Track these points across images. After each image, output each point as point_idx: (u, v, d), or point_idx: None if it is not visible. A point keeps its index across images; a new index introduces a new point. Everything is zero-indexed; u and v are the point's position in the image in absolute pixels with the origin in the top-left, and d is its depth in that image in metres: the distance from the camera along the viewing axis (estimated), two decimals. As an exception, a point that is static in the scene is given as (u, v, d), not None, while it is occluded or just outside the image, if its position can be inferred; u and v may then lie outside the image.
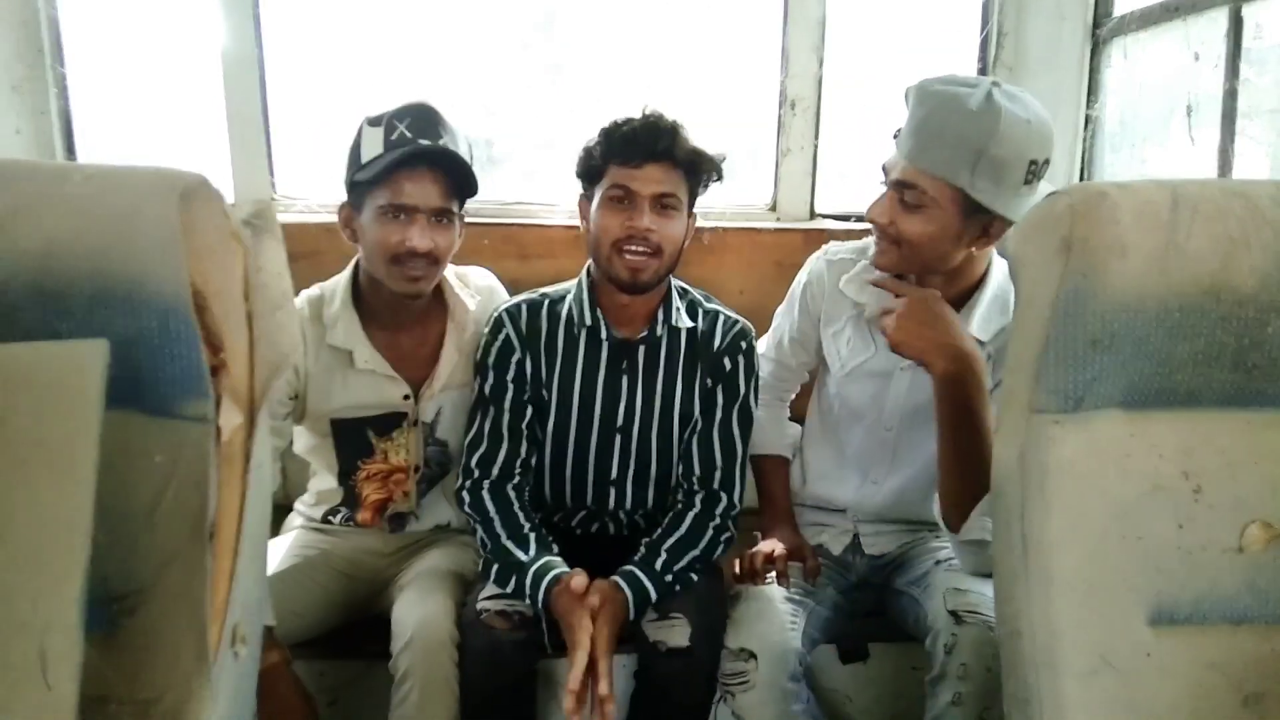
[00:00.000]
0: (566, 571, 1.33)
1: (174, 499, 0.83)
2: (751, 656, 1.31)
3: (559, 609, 1.30)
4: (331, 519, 1.56)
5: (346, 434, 1.51)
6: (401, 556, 1.56)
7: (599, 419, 1.47)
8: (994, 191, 1.25)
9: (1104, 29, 1.89)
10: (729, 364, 1.47)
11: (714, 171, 1.41)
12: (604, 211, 1.38)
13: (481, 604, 1.33)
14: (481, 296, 1.56)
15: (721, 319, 1.49)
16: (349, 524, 1.55)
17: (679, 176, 1.37)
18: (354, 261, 1.48)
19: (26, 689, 0.73)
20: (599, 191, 1.39)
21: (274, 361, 0.91)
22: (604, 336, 1.45)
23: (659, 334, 1.46)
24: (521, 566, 1.34)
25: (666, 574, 1.36)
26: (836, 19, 2.00)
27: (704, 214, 1.49)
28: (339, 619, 1.50)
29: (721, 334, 1.48)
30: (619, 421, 1.48)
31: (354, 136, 1.41)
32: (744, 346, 1.48)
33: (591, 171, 1.41)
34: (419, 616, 1.32)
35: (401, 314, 1.47)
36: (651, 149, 1.34)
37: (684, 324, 1.46)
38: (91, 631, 0.78)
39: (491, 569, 1.37)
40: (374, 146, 1.37)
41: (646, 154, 1.34)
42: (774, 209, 2.10)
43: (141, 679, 0.82)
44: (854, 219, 2.05)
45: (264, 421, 0.92)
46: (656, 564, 1.37)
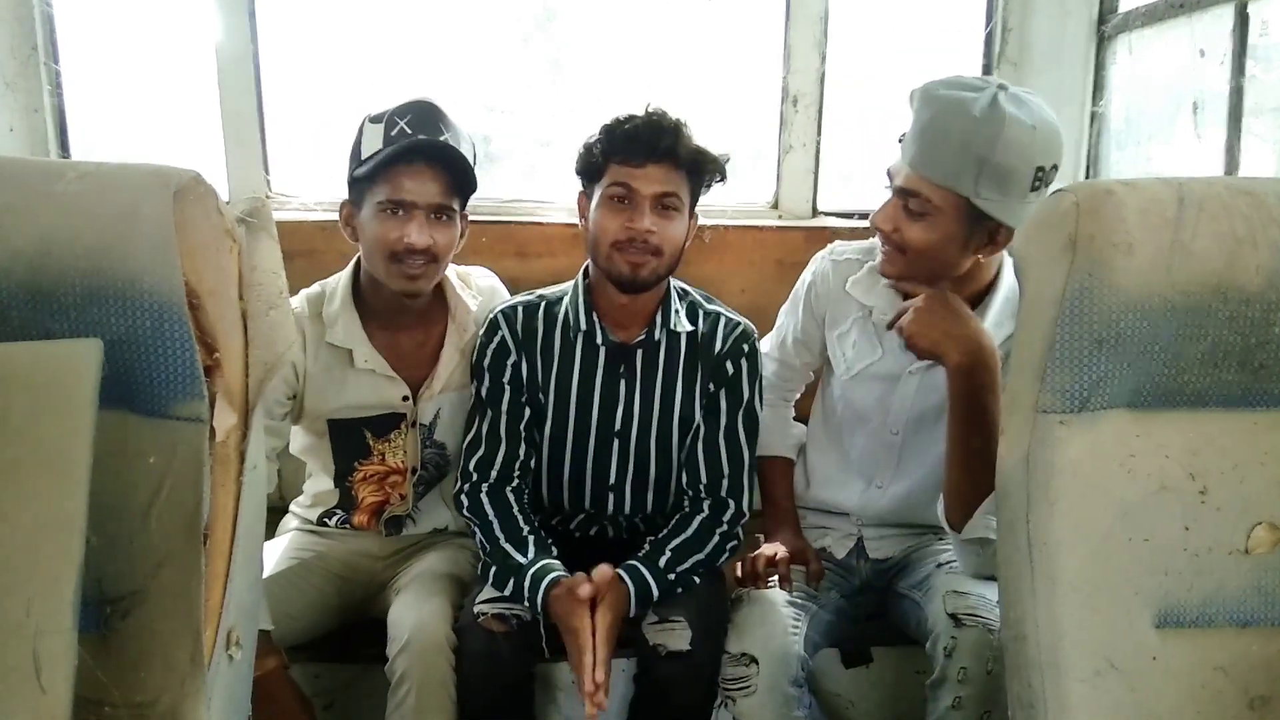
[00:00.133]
0: (565, 574, 1.32)
1: (168, 500, 0.82)
2: (753, 661, 1.30)
3: (559, 611, 1.28)
4: (327, 521, 1.55)
5: (343, 434, 1.50)
6: (398, 559, 1.55)
7: (596, 423, 1.45)
8: (1000, 200, 1.23)
9: (1109, 25, 1.88)
10: (731, 368, 1.45)
11: (717, 172, 1.38)
12: (604, 211, 1.36)
13: (479, 607, 1.32)
14: (483, 297, 1.55)
15: (722, 321, 1.46)
16: (345, 526, 1.54)
17: (681, 176, 1.35)
18: (355, 260, 1.47)
19: (20, 691, 0.72)
20: (599, 190, 1.37)
21: (269, 361, 0.90)
22: (600, 341, 1.43)
23: (657, 338, 1.44)
24: (520, 569, 1.33)
25: (669, 573, 1.35)
26: (839, 15, 1.99)
27: (705, 211, 1.48)
28: (335, 622, 1.49)
29: (723, 337, 1.45)
30: (617, 426, 1.46)
31: (355, 134, 1.40)
32: (746, 349, 1.45)
33: (592, 169, 1.38)
34: (416, 619, 1.31)
35: (402, 314, 1.46)
36: (654, 148, 1.31)
37: (683, 327, 1.44)
38: (85, 634, 0.77)
39: (490, 572, 1.36)
40: (374, 143, 1.36)
41: (648, 153, 1.32)
42: (776, 206, 2.09)
43: (136, 681, 0.81)
44: (856, 217, 2.03)
45: (259, 422, 0.92)
46: (660, 561, 1.36)
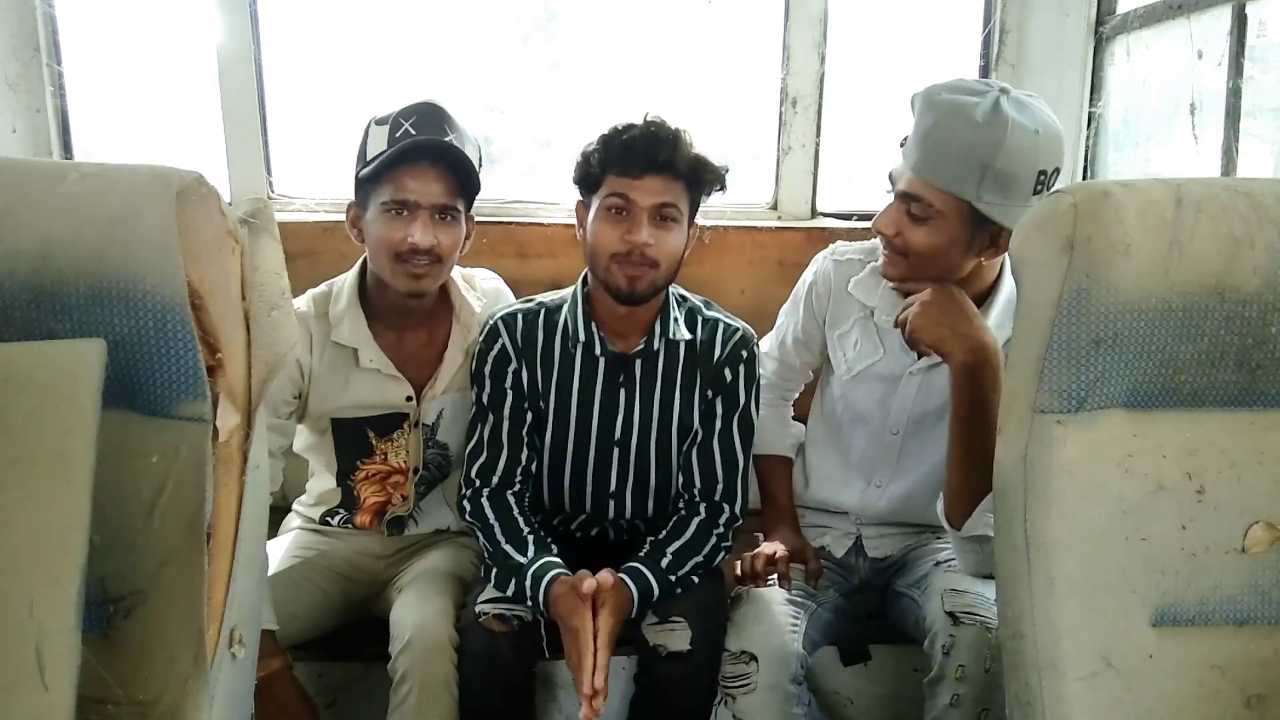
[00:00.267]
0: (566, 572, 1.32)
1: (171, 500, 0.83)
2: (752, 659, 1.30)
3: (560, 610, 1.28)
4: (330, 520, 1.55)
5: (346, 433, 1.50)
6: (400, 558, 1.55)
7: (596, 432, 1.45)
8: (1002, 204, 1.24)
9: (1107, 26, 1.89)
10: (729, 374, 1.44)
11: (717, 181, 1.37)
12: (601, 222, 1.35)
13: (480, 607, 1.33)
14: (487, 299, 1.55)
15: (721, 328, 1.45)
16: (347, 526, 1.54)
17: (680, 187, 1.33)
18: (361, 260, 1.48)
19: (24, 690, 0.73)
20: (596, 200, 1.36)
21: (271, 361, 0.91)
22: (599, 351, 1.43)
23: (656, 347, 1.43)
24: (520, 568, 1.33)
25: (671, 574, 1.36)
26: (838, 16, 1.99)
27: (705, 212, 1.47)
28: (337, 621, 1.49)
29: (722, 344, 1.44)
30: (617, 435, 1.46)
31: (361, 136, 1.40)
32: (745, 355, 1.44)
33: (589, 179, 1.37)
34: (418, 618, 1.31)
35: (407, 314, 1.46)
36: (652, 159, 1.30)
37: (682, 336, 1.43)
38: (88, 633, 0.78)
39: (492, 574, 1.36)
40: (379, 145, 1.36)
41: (646, 164, 1.30)
42: (775, 207, 2.09)
43: (139, 680, 0.82)
44: (855, 218, 2.04)
45: (261, 422, 0.92)
46: (662, 563, 1.36)
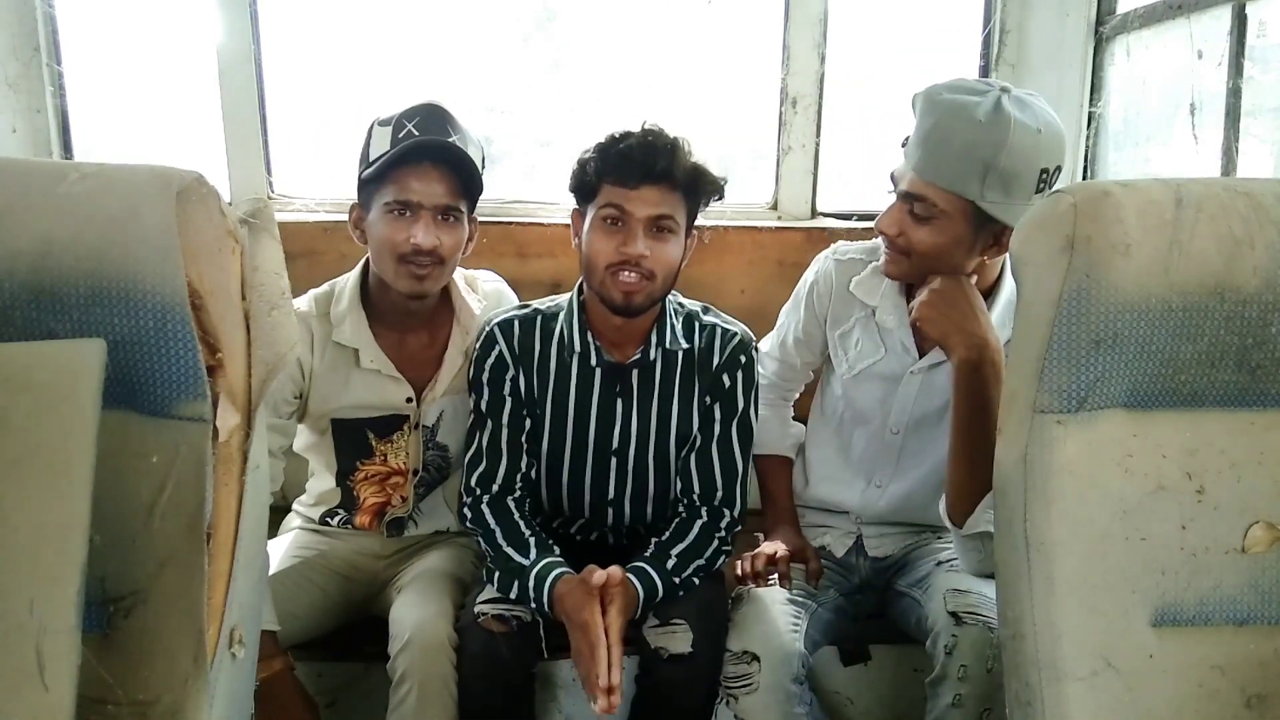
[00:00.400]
0: (569, 571, 1.32)
1: (171, 500, 0.83)
2: (754, 659, 1.30)
3: (568, 606, 1.28)
4: (329, 520, 1.55)
5: (346, 434, 1.50)
6: (400, 558, 1.55)
7: (594, 442, 1.44)
8: (1005, 203, 1.24)
9: (1107, 26, 1.89)
10: (728, 380, 1.43)
11: (715, 191, 1.35)
12: (597, 233, 1.32)
13: (479, 607, 1.33)
14: (489, 301, 1.55)
15: (720, 334, 1.44)
16: (347, 526, 1.54)
17: (677, 198, 1.31)
18: (364, 260, 1.48)
19: (24, 691, 0.73)
20: (592, 209, 1.34)
21: (271, 361, 0.91)
22: (595, 362, 1.41)
23: (653, 357, 1.42)
24: (523, 570, 1.33)
25: (674, 576, 1.36)
26: (838, 16, 1.99)
27: (704, 212, 1.47)
28: (336, 620, 1.49)
29: (720, 350, 1.43)
30: (614, 445, 1.45)
31: (364, 137, 1.40)
32: (743, 360, 1.43)
33: (585, 188, 1.34)
34: (417, 618, 1.31)
35: (408, 316, 1.46)
36: (649, 169, 1.28)
37: (680, 346, 1.42)
38: (89, 633, 0.78)
39: (494, 577, 1.35)
40: (382, 145, 1.36)
41: (643, 174, 1.28)
42: (775, 207, 2.09)
43: (138, 680, 0.82)
44: (855, 218, 2.04)
45: (261, 422, 0.92)
46: (666, 564, 1.36)
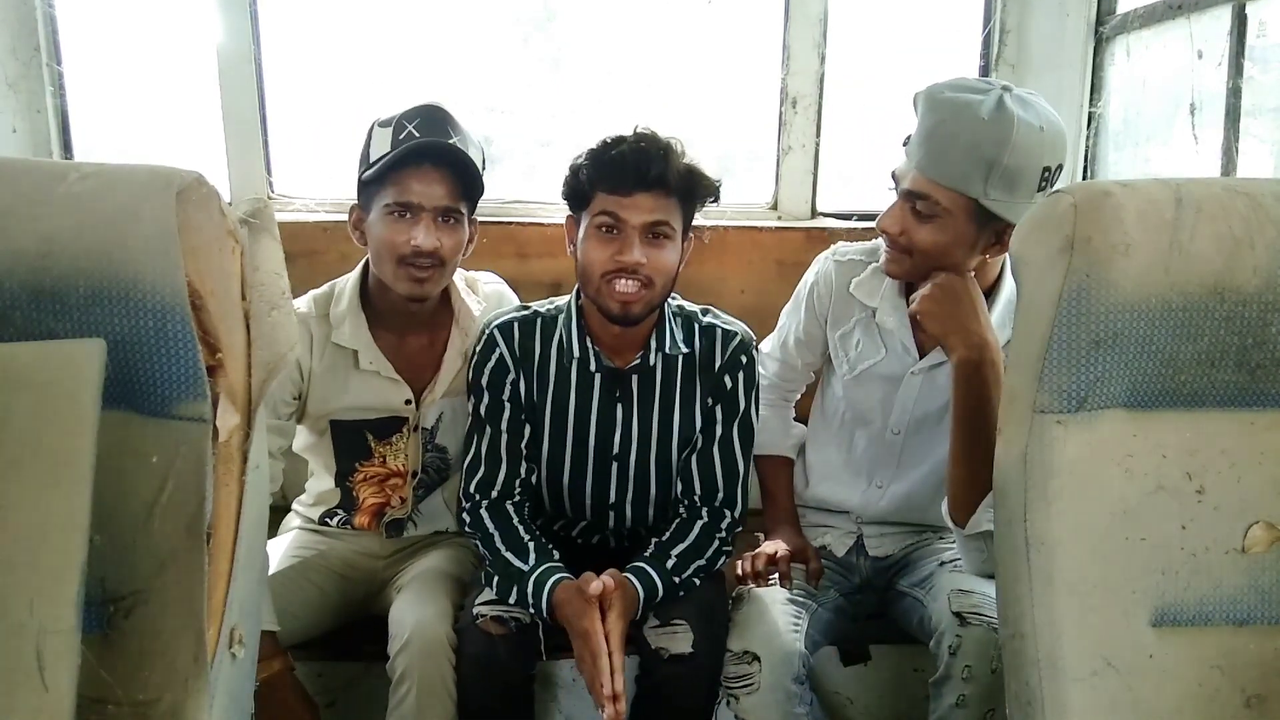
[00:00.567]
0: (569, 576, 1.31)
1: (171, 500, 0.83)
2: (755, 659, 1.30)
3: (567, 613, 1.27)
4: (329, 521, 1.55)
5: (345, 435, 1.50)
6: (399, 558, 1.55)
7: (594, 447, 1.44)
8: (1008, 201, 1.24)
9: (1107, 27, 1.89)
10: (729, 381, 1.42)
11: (710, 194, 1.34)
12: (591, 241, 1.31)
13: (478, 609, 1.32)
14: (489, 303, 1.54)
15: (720, 335, 1.43)
16: (346, 527, 1.54)
17: (672, 203, 1.30)
18: (364, 262, 1.47)
19: (24, 691, 0.73)
20: (586, 217, 1.32)
21: (270, 361, 0.91)
22: (594, 367, 1.40)
23: (653, 363, 1.41)
24: (522, 575, 1.32)
25: (675, 576, 1.35)
26: (838, 16, 1.99)
27: (704, 212, 1.46)
28: (336, 620, 1.49)
29: (721, 351, 1.42)
30: (615, 449, 1.44)
31: (365, 138, 1.40)
32: (744, 360, 1.42)
33: (579, 195, 1.33)
34: (417, 618, 1.31)
35: (408, 317, 1.46)
36: (642, 175, 1.26)
37: (680, 351, 1.41)
38: (89, 633, 0.78)
39: (494, 582, 1.35)
40: (383, 146, 1.36)
41: (636, 181, 1.27)
42: (775, 207, 2.09)
43: (139, 680, 0.82)
44: (856, 218, 2.04)
45: (261, 422, 0.92)
46: (667, 564, 1.36)
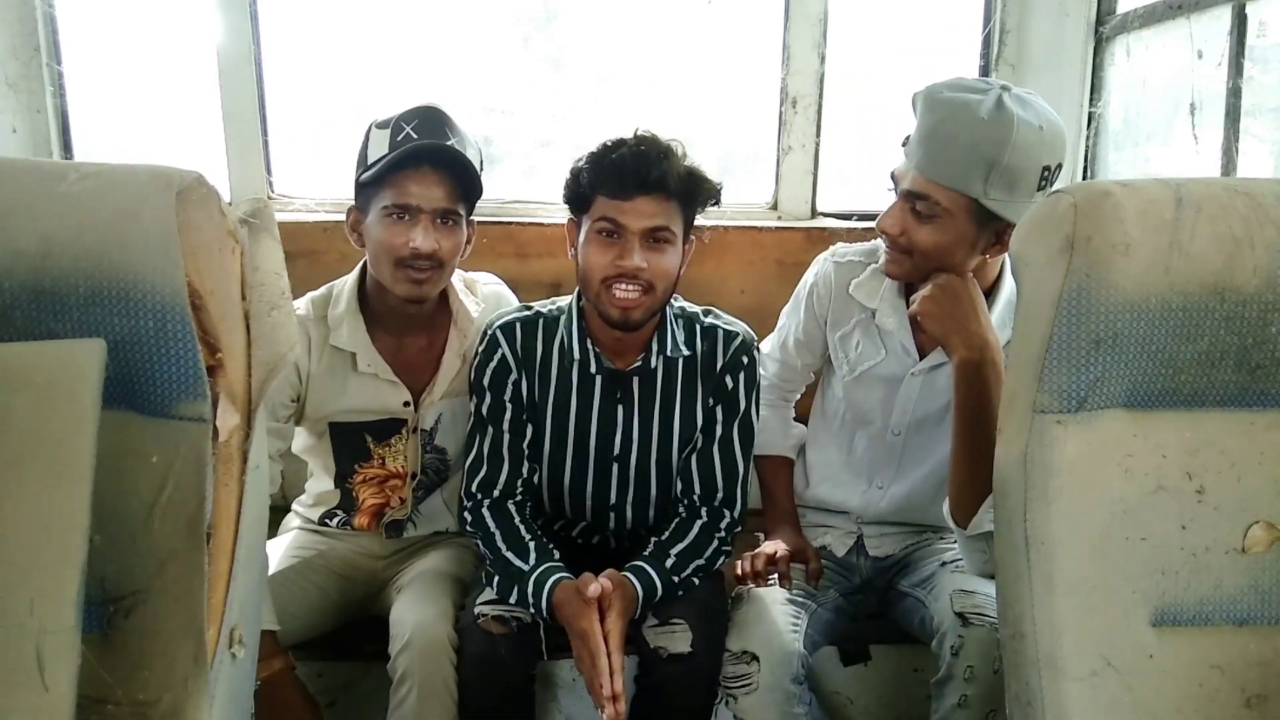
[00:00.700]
0: (569, 576, 1.31)
1: (171, 500, 0.83)
2: (754, 659, 1.30)
3: (565, 614, 1.27)
4: (328, 521, 1.55)
5: (344, 437, 1.50)
6: (399, 558, 1.55)
7: (595, 448, 1.44)
8: (1008, 200, 1.24)
9: (1107, 27, 1.89)
10: (730, 381, 1.42)
11: (711, 197, 1.33)
12: (592, 246, 1.31)
13: (479, 609, 1.33)
14: (487, 304, 1.54)
15: (721, 336, 1.42)
16: (346, 527, 1.54)
17: (673, 207, 1.30)
18: (361, 263, 1.47)
19: (24, 690, 0.73)
20: (587, 221, 1.32)
21: (270, 361, 0.91)
22: (595, 369, 1.40)
23: (654, 365, 1.41)
24: (523, 575, 1.32)
25: (674, 575, 1.36)
26: (838, 16, 1.99)
27: (704, 213, 1.47)
28: (336, 620, 1.49)
29: (723, 352, 1.42)
30: (616, 451, 1.44)
31: (362, 139, 1.40)
32: (745, 361, 1.42)
33: (579, 199, 1.33)
34: (418, 618, 1.31)
35: (406, 319, 1.46)
36: (642, 179, 1.26)
37: (681, 353, 1.41)
38: (88, 633, 0.78)
39: (494, 581, 1.35)
40: (380, 148, 1.35)
41: (636, 185, 1.26)
42: (775, 207, 2.09)
43: (139, 680, 0.82)
44: (855, 218, 2.04)
45: (261, 422, 0.92)
46: (666, 563, 1.36)
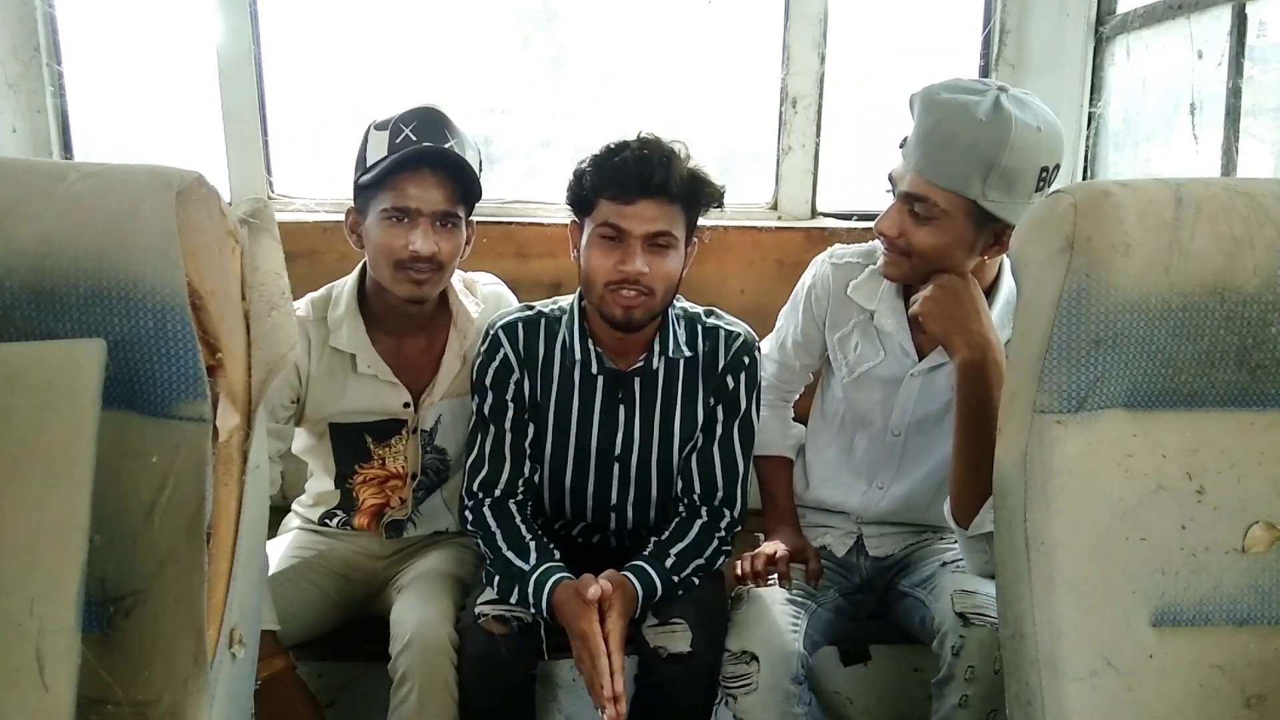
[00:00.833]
0: (569, 576, 1.31)
1: (171, 500, 0.83)
2: (753, 659, 1.30)
3: (565, 615, 1.27)
4: (328, 521, 1.55)
5: (344, 437, 1.50)
6: (399, 558, 1.55)
7: (596, 448, 1.44)
8: (1006, 201, 1.24)
9: (1107, 27, 1.89)
10: (731, 381, 1.42)
11: (714, 200, 1.33)
12: (594, 250, 1.31)
13: (479, 608, 1.33)
14: (487, 304, 1.54)
15: (723, 336, 1.43)
16: (346, 527, 1.54)
17: (675, 210, 1.30)
18: (361, 265, 1.47)
19: (24, 691, 0.73)
20: (589, 224, 1.32)
21: (270, 362, 0.91)
22: (596, 370, 1.41)
23: (655, 365, 1.41)
24: (523, 575, 1.32)
25: (674, 575, 1.35)
26: (838, 16, 1.99)
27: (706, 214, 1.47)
28: (336, 620, 1.49)
29: (724, 352, 1.42)
30: (617, 451, 1.44)
31: (361, 141, 1.39)
32: (746, 361, 1.42)
33: (582, 202, 1.33)
34: (418, 618, 1.31)
35: (406, 320, 1.46)
36: (645, 183, 1.26)
37: (683, 354, 1.41)
38: (88, 633, 0.78)
39: (494, 581, 1.35)
40: (379, 150, 1.35)
41: (639, 189, 1.26)
42: (775, 207, 2.09)
43: (139, 680, 0.82)
44: (855, 218, 2.04)
45: (261, 422, 0.92)
46: (666, 563, 1.36)
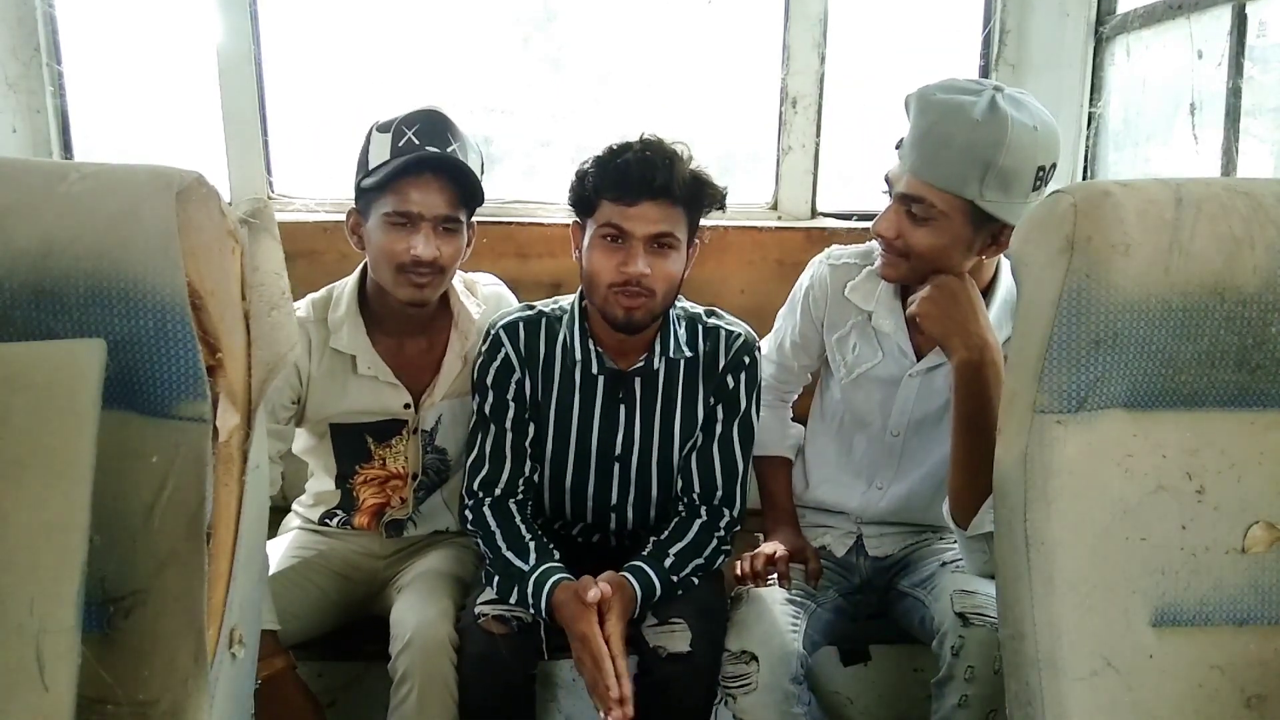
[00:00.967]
0: (569, 577, 1.31)
1: (171, 500, 0.83)
2: (753, 659, 1.30)
3: (564, 616, 1.28)
4: (328, 521, 1.55)
5: (345, 438, 1.50)
6: (399, 558, 1.55)
7: (596, 448, 1.44)
8: (1003, 201, 1.24)
9: (1107, 27, 1.89)
10: (731, 381, 1.43)
11: (716, 202, 1.34)
12: (596, 251, 1.32)
13: (479, 608, 1.33)
14: (488, 305, 1.54)
15: (724, 336, 1.43)
16: (346, 527, 1.54)
17: (678, 212, 1.30)
18: (361, 266, 1.47)
19: (24, 691, 0.73)
20: (592, 225, 1.33)
21: (270, 362, 0.91)
22: (597, 370, 1.41)
23: (656, 366, 1.41)
24: (523, 575, 1.32)
25: (673, 574, 1.36)
26: (838, 16, 1.99)
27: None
28: (336, 620, 1.49)
29: (725, 353, 1.42)
30: (617, 451, 1.44)
31: (363, 142, 1.39)
32: (747, 361, 1.43)
33: (584, 202, 1.33)
34: (418, 618, 1.32)
35: (406, 321, 1.46)
36: (648, 185, 1.26)
37: (683, 354, 1.41)
38: (88, 633, 0.78)
39: (494, 581, 1.35)
40: (381, 153, 1.35)
41: (642, 190, 1.26)
42: (775, 207, 2.09)
43: (139, 681, 0.82)
44: (855, 218, 2.04)
45: (261, 422, 0.92)
46: (665, 563, 1.36)
